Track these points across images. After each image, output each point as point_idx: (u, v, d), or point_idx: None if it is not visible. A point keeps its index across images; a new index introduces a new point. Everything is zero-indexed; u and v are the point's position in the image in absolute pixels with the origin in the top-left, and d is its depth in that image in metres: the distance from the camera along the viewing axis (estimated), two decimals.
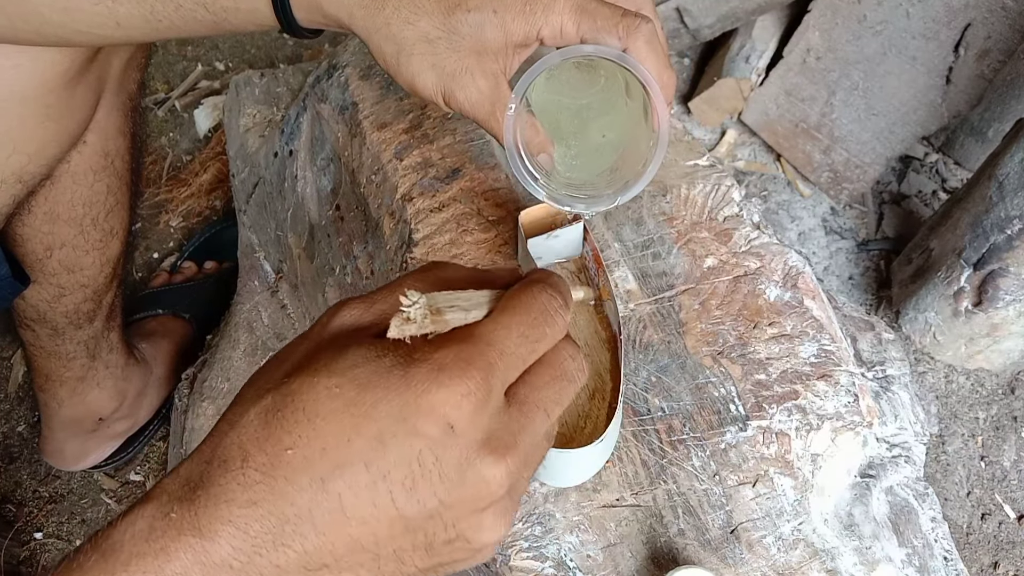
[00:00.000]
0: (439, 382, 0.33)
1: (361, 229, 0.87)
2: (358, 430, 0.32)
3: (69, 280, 0.95)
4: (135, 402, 1.16)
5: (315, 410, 0.32)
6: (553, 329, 0.37)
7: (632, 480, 0.64)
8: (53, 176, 0.86)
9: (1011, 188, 0.94)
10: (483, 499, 0.34)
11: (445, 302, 0.35)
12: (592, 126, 0.65)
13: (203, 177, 1.40)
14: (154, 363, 1.18)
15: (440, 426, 0.33)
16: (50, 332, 1.00)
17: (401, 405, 0.32)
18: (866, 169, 1.26)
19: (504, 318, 0.36)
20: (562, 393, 0.37)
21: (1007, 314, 1.01)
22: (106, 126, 0.89)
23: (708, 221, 0.76)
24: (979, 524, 1.04)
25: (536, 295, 0.37)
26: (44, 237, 0.90)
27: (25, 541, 1.17)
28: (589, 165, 0.64)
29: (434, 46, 0.53)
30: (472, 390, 0.33)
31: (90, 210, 0.92)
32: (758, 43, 1.31)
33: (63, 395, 1.08)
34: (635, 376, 0.68)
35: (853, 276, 1.22)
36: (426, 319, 0.33)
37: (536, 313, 0.36)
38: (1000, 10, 1.14)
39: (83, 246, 0.94)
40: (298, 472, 0.32)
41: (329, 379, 0.33)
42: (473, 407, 0.33)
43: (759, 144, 1.34)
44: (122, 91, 0.89)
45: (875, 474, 0.69)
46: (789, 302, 0.72)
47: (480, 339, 0.35)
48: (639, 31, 0.53)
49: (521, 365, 0.36)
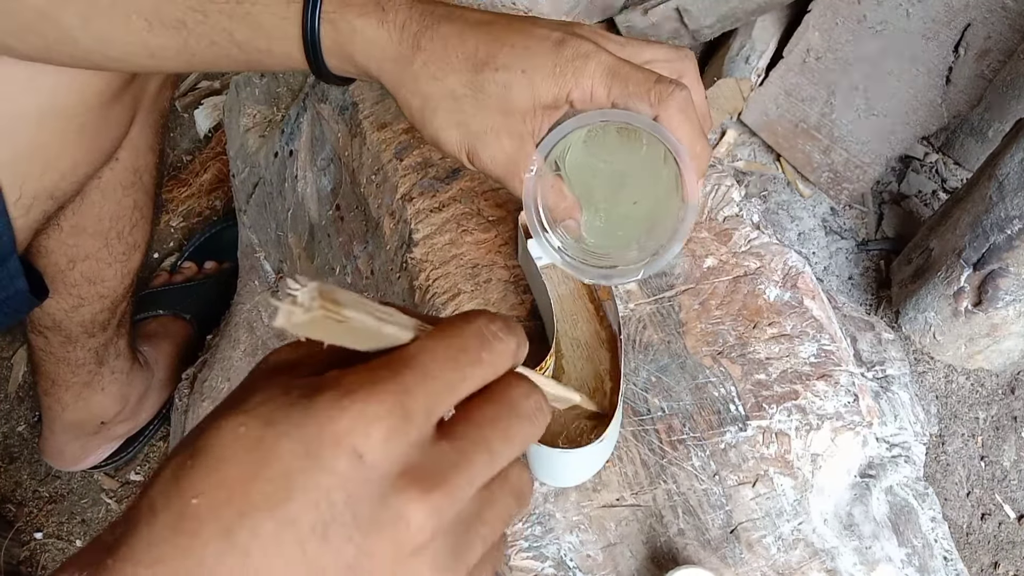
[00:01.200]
0: (343, 407, 0.29)
1: (361, 229, 0.87)
2: (262, 471, 0.28)
3: (89, 291, 0.95)
4: (137, 405, 1.16)
5: (220, 453, 0.29)
6: (491, 355, 0.32)
7: (632, 480, 0.65)
8: (83, 192, 0.86)
9: (1011, 188, 0.94)
10: (405, 543, 0.29)
11: (346, 297, 0.29)
12: (624, 193, 0.62)
13: (203, 177, 1.40)
14: (156, 366, 1.19)
15: (348, 457, 0.28)
16: (63, 340, 1.00)
17: (305, 438, 0.28)
18: (866, 169, 1.26)
19: (430, 340, 0.31)
20: (512, 432, 0.32)
21: (1007, 314, 1.01)
22: (138, 144, 0.89)
23: (708, 221, 0.76)
24: (979, 524, 1.04)
25: (470, 319, 0.33)
26: (68, 249, 0.90)
27: (25, 541, 1.17)
28: (615, 233, 0.61)
29: (460, 103, 0.52)
30: (382, 414, 0.29)
31: (116, 224, 0.92)
32: (758, 43, 1.31)
33: (67, 400, 1.08)
34: (635, 376, 0.68)
35: (853, 276, 1.22)
36: (315, 302, 0.28)
37: (469, 336, 0.32)
38: (1000, 10, 1.14)
39: (107, 259, 0.94)
40: (204, 524, 0.28)
41: (236, 418, 0.29)
42: (384, 433, 0.29)
43: (759, 144, 1.34)
44: (155, 109, 0.89)
45: (875, 474, 0.69)
46: (789, 302, 0.72)
47: (397, 361, 0.30)
48: (672, 98, 0.51)
49: (449, 393, 0.31)
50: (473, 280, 0.73)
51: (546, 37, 0.52)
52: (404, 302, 0.78)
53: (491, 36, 0.52)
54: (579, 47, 0.51)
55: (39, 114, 0.70)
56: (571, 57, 0.51)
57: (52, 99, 0.69)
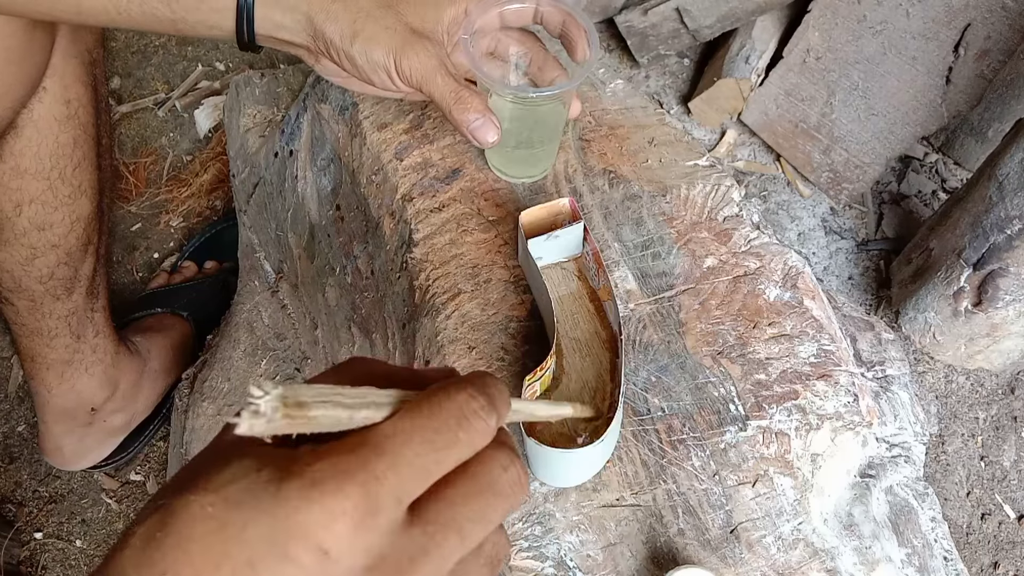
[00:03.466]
0: (310, 499, 0.28)
1: (361, 229, 0.87)
2: (228, 555, 0.28)
3: (40, 239, 0.95)
4: (129, 394, 1.16)
5: (189, 532, 0.29)
6: (468, 434, 0.32)
7: (632, 480, 0.65)
8: (17, 127, 0.87)
9: (1011, 188, 0.94)
10: None
11: (313, 395, 0.29)
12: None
13: (203, 177, 1.40)
14: (148, 355, 1.18)
15: (313, 552, 0.28)
16: (28, 303, 1.00)
17: (271, 527, 0.28)
18: (866, 169, 1.26)
19: (403, 421, 0.31)
20: (486, 510, 0.32)
21: (1007, 314, 1.01)
22: (64, 72, 0.89)
23: (708, 221, 0.76)
24: (979, 524, 1.04)
25: (451, 396, 0.32)
26: (12, 193, 0.91)
27: (25, 541, 1.17)
28: None
29: (384, 14, 0.63)
30: (348, 509, 0.28)
31: (57, 163, 0.93)
32: (758, 43, 1.31)
33: (51, 380, 1.08)
34: (635, 376, 0.68)
35: (853, 276, 1.22)
36: (277, 412, 0.28)
37: (447, 416, 0.31)
38: (1000, 10, 1.14)
39: (52, 202, 0.94)
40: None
41: (204, 497, 0.29)
42: (350, 528, 0.29)
43: (759, 144, 1.34)
44: (78, 39, 0.90)
45: (875, 474, 0.69)
46: (789, 302, 0.72)
47: (367, 446, 0.30)
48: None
49: (423, 477, 0.31)
50: (473, 280, 0.73)
51: None
52: (404, 302, 0.78)
53: None
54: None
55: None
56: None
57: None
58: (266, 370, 1.07)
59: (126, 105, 1.48)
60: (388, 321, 0.81)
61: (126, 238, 1.38)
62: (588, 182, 0.79)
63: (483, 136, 0.67)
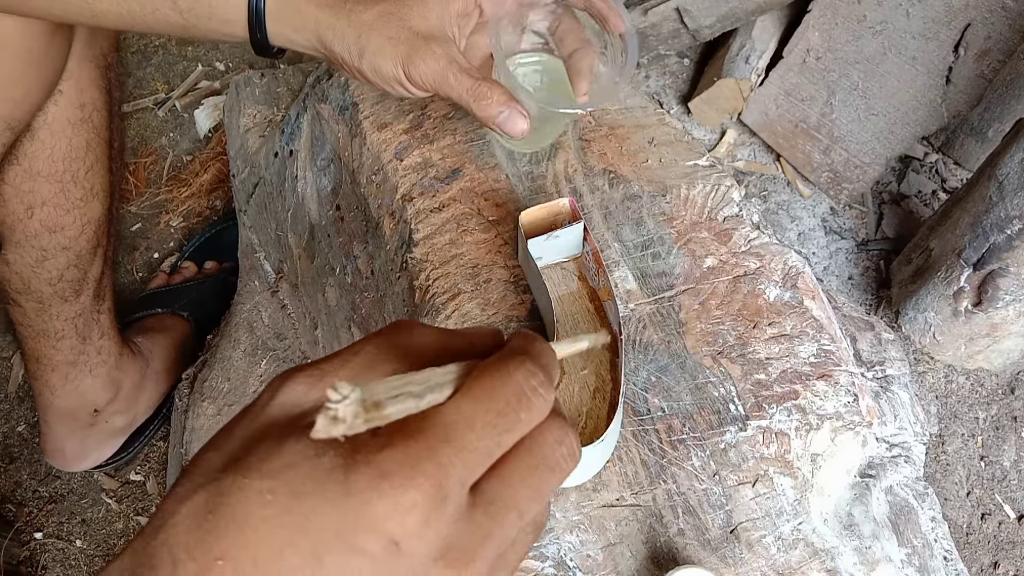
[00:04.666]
0: (381, 491, 0.28)
1: (361, 229, 0.87)
2: (292, 543, 0.28)
3: (51, 241, 0.95)
4: (132, 395, 1.16)
5: (246, 517, 0.28)
6: (530, 414, 0.32)
7: (632, 480, 0.65)
8: (31, 130, 0.88)
9: (1011, 188, 0.94)
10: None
11: (387, 392, 0.29)
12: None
13: (203, 177, 1.40)
14: (151, 356, 1.18)
15: (383, 544, 0.28)
16: (36, 305, 1.00)
17: (339, 518, 0.28)
18: (866, 169, 1.26)
19: (467, 404, 0.31)
20: (542, 486, 0.32)
21: (1007, 314, 1.01)
22: (79, 76, 0.89)
23: (708, 221, 0.76)
24: (979, 524, 1.04)
25: (511, 373, 0.32)
26: (25, 196, 0.91)
27: (25, 541, 1.17)
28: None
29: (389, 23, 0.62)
30: (419, 501, 0.28)
31: (70, 166, 0.93)
32: (758, 43, 1.31)
33: (55, 382, 1.08)
34: (635, 376, 0.68)
35: (853, 276, 1.22)
36: (358, 418, 0.28)
37: (508, 396, 0.31)
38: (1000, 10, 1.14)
39: (64, 204, 0.94)
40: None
41: (262, 482, 0.29)
42: (421, 520, 0.28)
43: (759, 144, 1.34)
44: (93, 43, 0.90)
45: (875, 474, 0.69)
46: (789, 302, 0.72)
47: (434, 434, 0.30)
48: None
49: (487, 460, 0.31)
50: (473, 280, 0.73)
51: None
52: (404, 302, 0.78)
53: None
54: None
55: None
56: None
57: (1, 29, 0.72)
58: (266, 370, 1.07)
59: (126, 105, 1.48)
60: (388, 321, 0.81)
61: (126, 238, 1.38)
62: (588, 182, 0.79)
63: (512, 128, 0.65)
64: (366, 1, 0.63)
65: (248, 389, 1.06)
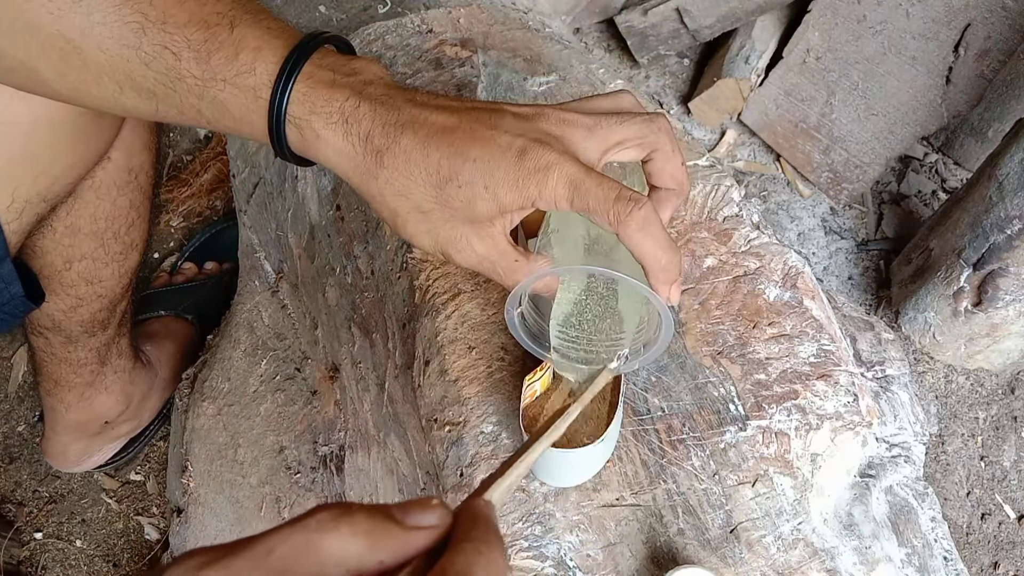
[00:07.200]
0: None
1: (361, 229, 0.87)
2: None
3: (87, 291, 0.95)
4: (140, 405, 1.16)
5: None
6: None
7: (632, 480, 0.65)
8: (76, 191, 0.86)
9: (1011, 188, 0.94)
10: None
11: None
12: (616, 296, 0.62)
13: (203, 177, 1.40)
14: (159, 365, 1.19)
15: None
16: (63, 340, 1.00)
17: None
18: (866, 169, 1.26)
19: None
20: None
21: (1007, 314, 1.01)
22: (131, 143, 0.89)
23: (708, 221, 0.76)
24: (979, 524, 1.04)
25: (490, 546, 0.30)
26: (64, 250, 0.90)
27: (25, 541, 1.17)
28: (600, 329, 0.61)
29: (428, 216, 0.53)
30: None
31: (112, 224, 0.92)
32: (758, 43, 1.31)
33: (71, 400, 1.08)
34: (635, 376, 0.68)
35: (853, 276, 1.22)
36: None
37: None
38: (1000, 10, 1.14)
39: (103, 258, 0.93)
40: None
41: None
42: None
43: (759, 144, 1.34)
44: None
45: (875, 474, 0.69)
46: (789, 302, 0.72)
47: None
48: (630, 219, 0.50)
49: None
50: (473, 280, 0.73)
51: (508, 147, 0.51)
52: (404, 302, 0.78)
53: (452, 149, 0.51)
54: (540, 158, 0.51)
55: (32, 121, 0.70)
56: (532, 170, 0.51)
57: (45, 107, 0.69)
58: (266, 370, 1.07)
59: None
60: (388, 321, 0.81)
61: None
62: None
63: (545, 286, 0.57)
64: (402, 179, 0.53)
65: (248, 389, 1.07)
